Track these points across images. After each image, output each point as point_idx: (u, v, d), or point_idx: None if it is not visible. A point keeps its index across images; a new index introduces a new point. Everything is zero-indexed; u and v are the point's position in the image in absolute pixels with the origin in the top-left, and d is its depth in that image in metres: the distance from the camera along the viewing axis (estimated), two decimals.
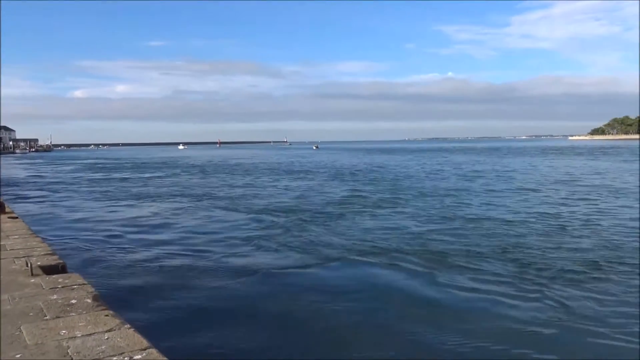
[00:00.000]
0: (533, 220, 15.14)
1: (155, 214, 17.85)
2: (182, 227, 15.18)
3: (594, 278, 8.89)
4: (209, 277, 9.46)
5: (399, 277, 9.35)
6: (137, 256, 11.13)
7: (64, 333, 3.79)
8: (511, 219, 15.24)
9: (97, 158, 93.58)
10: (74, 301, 4.54)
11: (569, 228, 13.81)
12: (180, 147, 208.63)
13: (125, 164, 64.05)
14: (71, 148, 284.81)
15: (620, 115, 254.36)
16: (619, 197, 20.51)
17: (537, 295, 8.05)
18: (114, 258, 10.97)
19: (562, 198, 20.59)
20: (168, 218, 16.89)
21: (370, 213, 17.07)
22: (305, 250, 11.63)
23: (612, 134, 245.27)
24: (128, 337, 3.73)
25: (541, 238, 12.46)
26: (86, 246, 12.26)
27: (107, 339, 3.68)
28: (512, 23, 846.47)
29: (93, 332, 3.81)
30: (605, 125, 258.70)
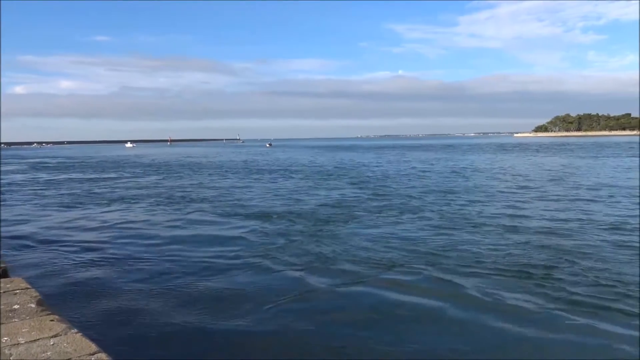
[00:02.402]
0: (555, 222, 14.08)
1: (110, 218, 17.09)
2: (140, 231, 14.39)
3: None
4: (168, 285, 9.15)
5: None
6: (88, 262, 10.69)
7: (6, 340, 3.65)
8: (535, 222, 14.21)
9: (43, 157, 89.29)
10: (16, 306, 4.37)
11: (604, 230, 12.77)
12: (128, 145, 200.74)
13: (74, 164, 61.65)
14: (12, 146, 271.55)
15: (562, 112, 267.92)
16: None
17: None
18: (63, 262, 10.52)
19: (567, 197, 19.76)
20: (123, 222, 16.04)
21: (373, 219, 15.20)
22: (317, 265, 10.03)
23: (554, 131, 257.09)
24: (75, 342, 3.63)
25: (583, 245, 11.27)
26: (32, 250, 11.74)
27: (52, 344, 3.57)
28: (461, 22, 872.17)
29: (37, 338, 3.69)
30: (548, 123, 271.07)
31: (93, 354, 3.42)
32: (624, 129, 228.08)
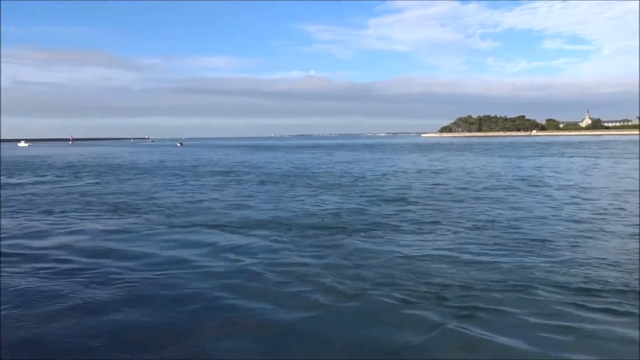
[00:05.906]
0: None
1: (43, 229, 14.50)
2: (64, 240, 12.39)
3: None
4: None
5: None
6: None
7: None
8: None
9: None
10: None
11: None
12: (22, 144, 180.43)
13: None
14: None
15: (464, 114, 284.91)
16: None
17: None
18: None
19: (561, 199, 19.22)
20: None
21: (393, 232, 13.14)
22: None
23: (457, 131, 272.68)
24: None
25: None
26: None
27: None
28: (370, 25, 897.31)
29: None
30: (452, 124, 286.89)
31: None
32: (518, 129, 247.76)
